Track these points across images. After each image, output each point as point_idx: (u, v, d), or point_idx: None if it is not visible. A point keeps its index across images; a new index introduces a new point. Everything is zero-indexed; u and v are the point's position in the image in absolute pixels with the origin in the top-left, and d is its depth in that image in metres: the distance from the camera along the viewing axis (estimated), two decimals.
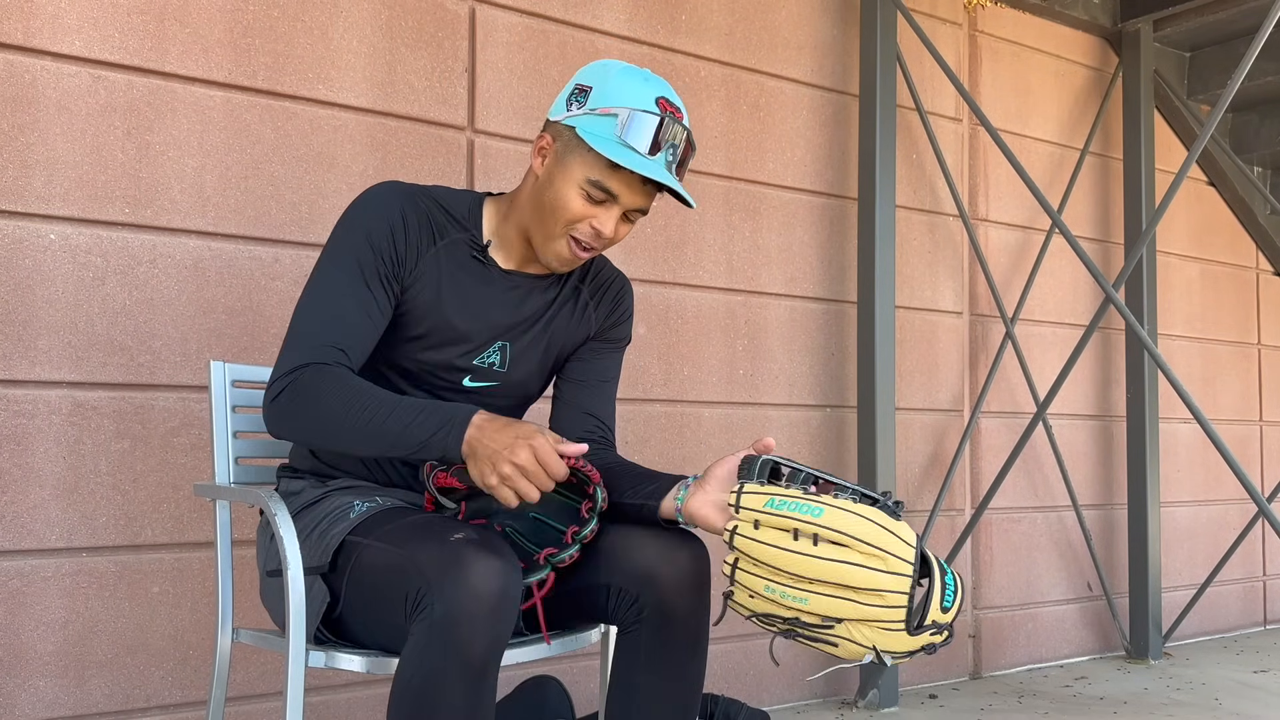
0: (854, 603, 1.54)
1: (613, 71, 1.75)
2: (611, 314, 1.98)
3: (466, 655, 1.50)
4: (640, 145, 1.69)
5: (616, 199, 1.74)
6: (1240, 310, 5.15)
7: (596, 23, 3.21)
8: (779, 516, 1.56)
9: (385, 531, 1.67)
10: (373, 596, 1.66)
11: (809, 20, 3.69)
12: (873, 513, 1.56)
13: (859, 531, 1.53)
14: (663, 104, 1.73)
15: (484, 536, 1.60)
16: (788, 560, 1.55)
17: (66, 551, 2.43)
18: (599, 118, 1.71)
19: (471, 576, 1.50)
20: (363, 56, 2.82)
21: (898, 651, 1.56)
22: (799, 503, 1.56)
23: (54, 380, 2.42)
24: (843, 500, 1.57)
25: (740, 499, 1.59)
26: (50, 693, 2.40)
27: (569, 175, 1.74)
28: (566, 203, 1.74)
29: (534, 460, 1.58)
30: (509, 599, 1.53)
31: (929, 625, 1.55)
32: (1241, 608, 5.07)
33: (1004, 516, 4.15)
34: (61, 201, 2.44)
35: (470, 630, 1.49)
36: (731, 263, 3.46)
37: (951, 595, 1.58)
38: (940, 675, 3.93)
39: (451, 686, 1.50)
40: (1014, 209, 4.23)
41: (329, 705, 2.70)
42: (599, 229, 1.75)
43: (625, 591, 1.74)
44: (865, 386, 3.62)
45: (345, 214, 1.79)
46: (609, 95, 1.72)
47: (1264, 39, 3.16)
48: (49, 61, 2.43)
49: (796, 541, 1.54)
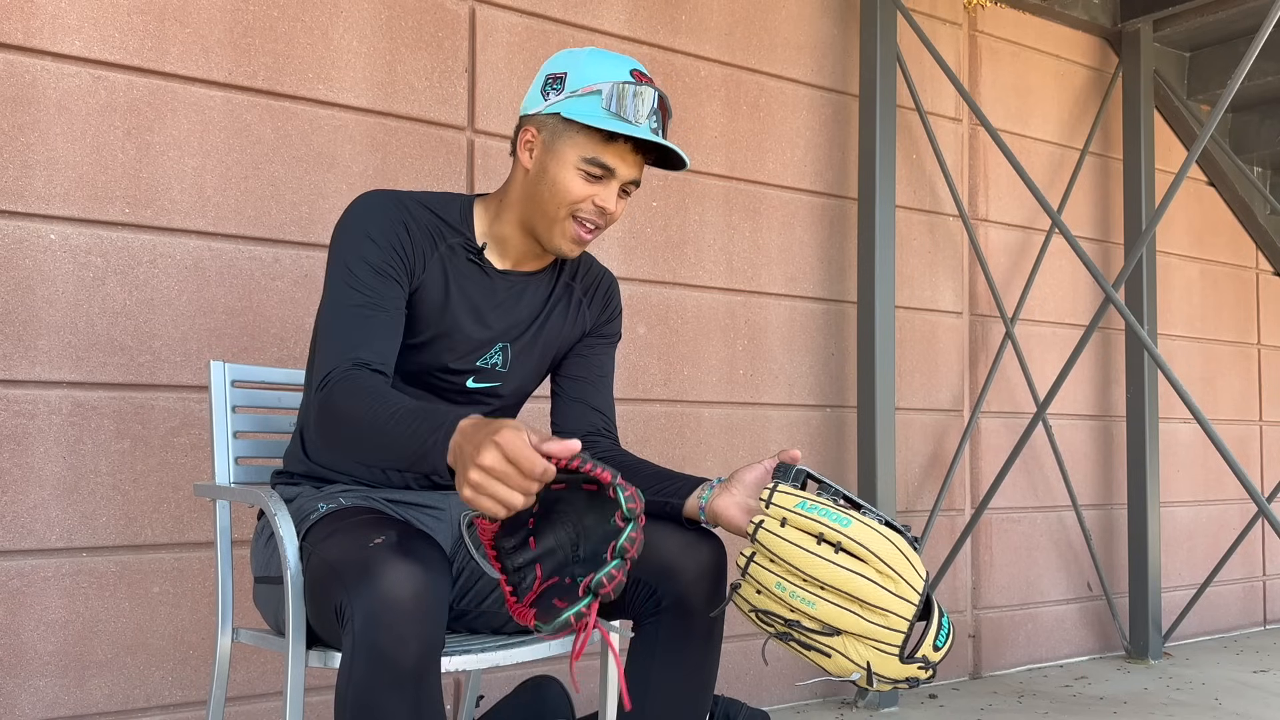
0: (858, 617, 1.57)
1: (582, 55, 1.79)
2: (604, 310, 2.00)
3: (394, 665, 1.46)
4: (628, 114, 1.73)
5: (613, 173, 1.76)
6: (1240, 310, 5.15)
7: (596, 23, 3.21)
8: (807, 519, 1.59)
9: (324, 538, 1.66)
10: (318, 606, 1.65)
11: (809, 20, 3.69)
12: (896, 538, 1.60)
13: (880, 550, 1.57)
14: (638, 75, 1.77)
15: (405, 539, 1.56)
16: (807, 561, 1.58)
17: (67, 551, 2.43)
18: (582, 98, 1.74)
19: (383, 583, 1.46)
20: (363, 56, 2.82)
21: (885, 675, 1.60)
22: (829, 510, 1.60)
23: (54, 380, 2.42)
24: (869, 519, 1.61)
25: (773, 496, 1.62)
26: (50, 693, 2.40)
27: (563, 160, 1.76)
28: (566, 186, 1.76)
29: (502, 459, 1.36)
30: (428, 602, 1.48)
31: (919, 659, 1.60)
32: (1241, 608, 5.07)
33: (1004, 516, 4.15)
34: (62, 201, 2.44)
35: (390, 639, 1.45)
36: (731, 263, 3.46)
37: (945, 637, 1.63)
38: (940, 675, 3.92)
39: (384, 697, 1.47)
40: (1014, 209, 4.23)
41: (329, 704, 2.70)
42: (602, 205, 1.77)
43: (644, 584, 1.75)
44: (865, 386, 3.62)
45: (344, 224, 1.77)
46: (587, 75, 1.75)
47: (1264, 39, 3.17)
48: (49, 61, 2.43)
49: (819, 546, 1.58)
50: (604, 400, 1.99)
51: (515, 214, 1.84)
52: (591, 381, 1.98)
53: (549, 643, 1.85)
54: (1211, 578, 4.52)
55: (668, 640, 1.75)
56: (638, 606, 1.76)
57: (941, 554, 3.90)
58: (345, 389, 1.62)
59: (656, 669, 1.75)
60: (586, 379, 1.98)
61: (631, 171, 1.78)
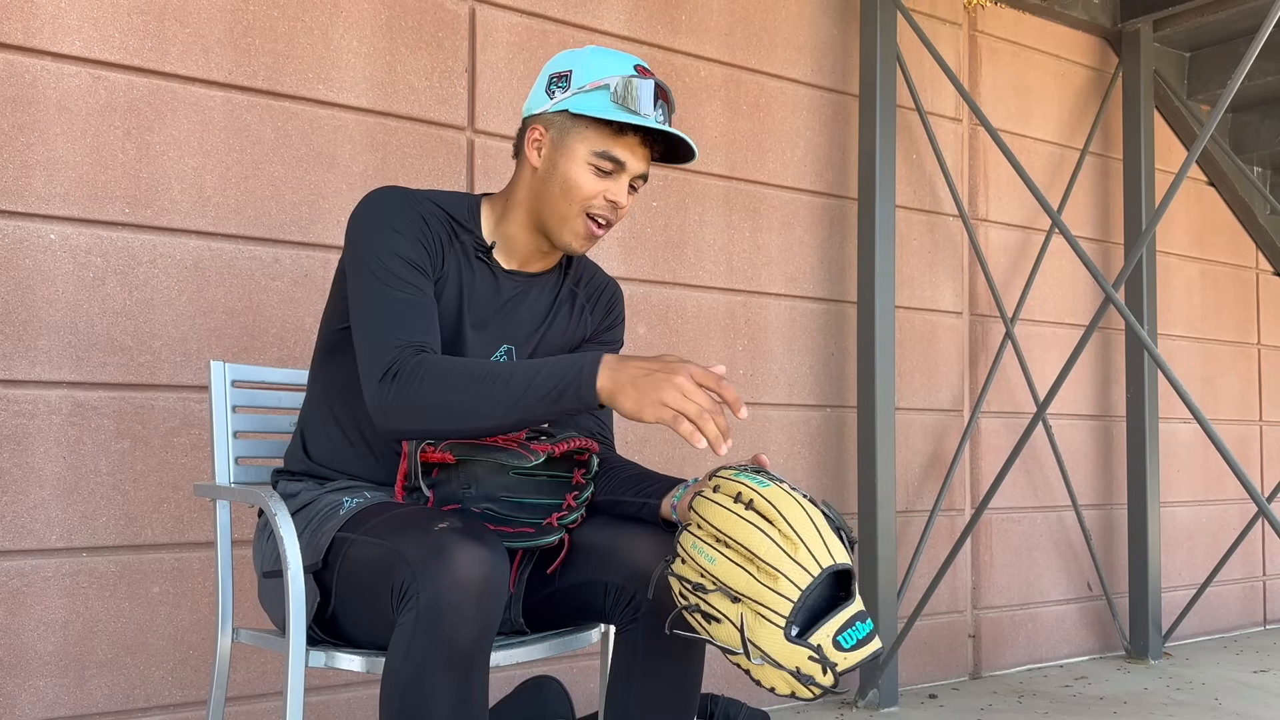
0: (750, 576, 1.51)
1: (585, 53, 1.80)
2: (605, 317, 2.00)
3: (453, 644, 1.50)
4: (636, 106, 1.74)
5: (624, 166, 1.77)
6: (1240, 310, 5.15)
7: (596, 23, 3.21)
8: (734, 483, 1.58)
9: (372, 525, 1.68)
10: (362, 591, 1.66)
11: (809, 20, 3.69)
12: (816, 515, 1.55)
13: (790, 514, 1.53)
14: (641, 70, 1.78)
15: (469, 525, 1.60)
16: (718, 516, 1.56)
17: (66, 551, 2.43)
18: (589, 93, 1.75)
19: (456, 565, 1.50)
20: (363, 56, 2.82)
21: (766, 652, 1.50)
22: (758, 478, 1.58)
23: (54, 380, 2.42)
24: (799, 495, 1.56)
25: (718, 471, 1.63)
26: (50, 693, 2.40)
27: (573, 156, 1.77)
28: (578, 182, 1.77)
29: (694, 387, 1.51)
30: (495, 587, 1.53)
31: (813, 645, 1.49)
32: (1241, 608, 5.07)
33: (1004, 516, 4.15)
34: (62, 201, 2.44)
35: (456, 619, 1.50)
36: (731, 263, 3.46)
37: (853, 640, 1.50)
38: (940, 675, 3.93)
39: (439, 675, 1.51)
40: (1014, 209, 4.23)
41: (329, 705, 2.70)
42: (614, 200, 1.78)
43: (623, 589, 1.75)
44: (865, 386, 3.62)
45: (364, 221, 1.75)
46: (592, 72, 1.76)
47: (1264, 39, 3.16)
48: (49, 61, 2.43)
49: (734, 504, 1.56)
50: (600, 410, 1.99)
51: (523, 213, 1.84)
52: None
53: (549, 643, 1.86)
54: (1211, 578, 4.52)
55: (649, 645, 1.75)
56: (618, 612, 1.78)
57: (941, 554, 3.90)
58: (428, 368, 1.62)
59: (640, 674, 1.76)
60: None
61: (641, 164, 1.79)
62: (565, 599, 1.82)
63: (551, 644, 1.86)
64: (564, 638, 1.89)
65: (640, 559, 1.74)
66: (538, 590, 1.85)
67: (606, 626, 2.02)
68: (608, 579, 1.76)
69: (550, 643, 1.86)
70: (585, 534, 1.82)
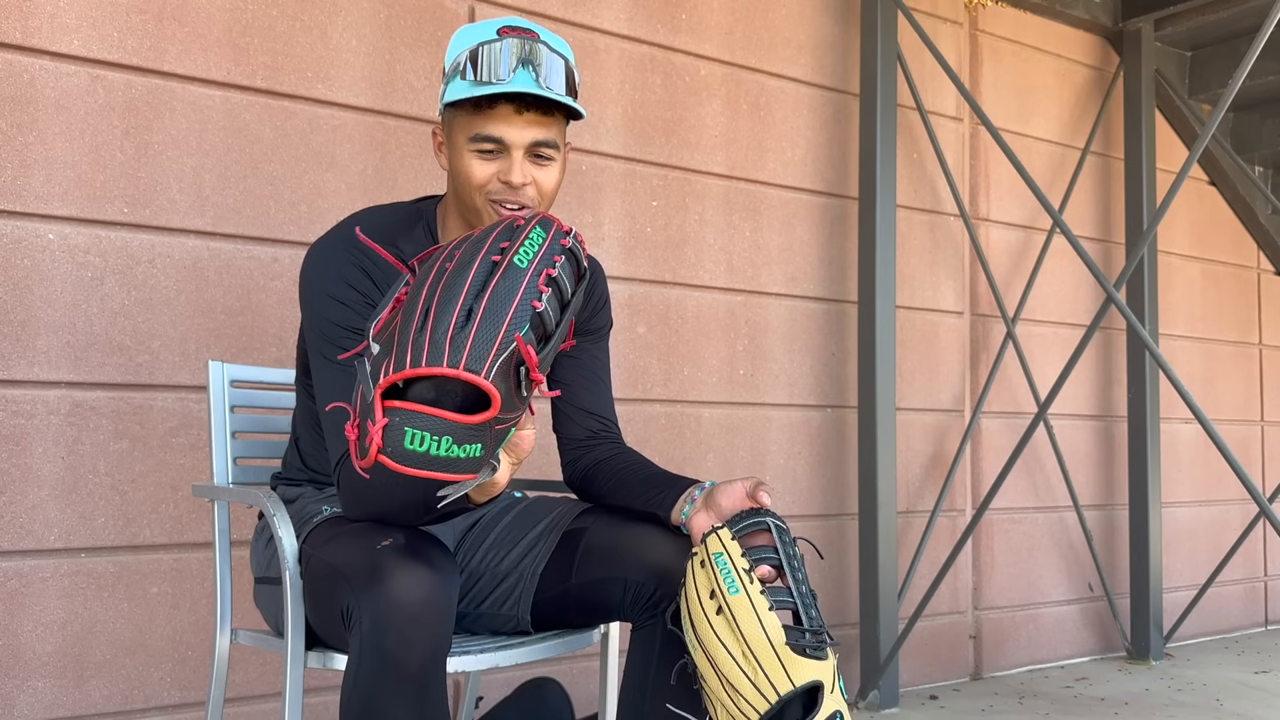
0: (719, 680, 1.56)
1: (456, 34, 1.74)
2: (588, 302, 1.95)
3: (402, 669, 1.46)
4: (488, 74, 1.64)
5: (503, 142, 1.69)
6: (1241, 310, 5.14)
7: (596, 22, 3.20)
8: (712, 572, 1.60)
9: (327, 541, 1.66)
10: (320, 608, 1.65)
11: (809, 19, 3.68)
12: (775, 630, 1.54)
13: (749, 634, 1.54)
14: (505, 30, 1.68)
15: (413, 541, 1.55)
16: (695, 611, 1.60)
17: (65, 552, 2.42)
18: (451, 80, 1.70)
19: (392, 586, 1.47)
20: (362, 56, 2.81)
21: None
22: (731, 572, 1.59)
23: (52, 380, 2.42)
24: (765, 600, 1.56)
25: (709, 535, 1.65)
26: (49, 693, 2.39)
27: (458, 148, 1.72)
28: (468, 173, 1.72)
29: None
30: (437, 606, 1.49)
31: None
32: (1243, 608, 5.07)
33: (1005, 517, 4.15)
34: (60, 201, 2.43)
35: (398, 641, 1.45)
36: (732, 262, 3.45)
37: None
38: (941, 676, 3.92)
39: (390, 701, 1.47)
40: (1015, 208, 4.22)
41: (328, 705, 2.70)
42: (508, 180, 1.71)
43: (643, 586, 1.74)
44: (866, 386, 3.62)
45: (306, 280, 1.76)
46: (451, 54, 1.71)
47: (1265, 38, 3.16)
48: (48, 61, 2.43)
49: (710, 600, 1.58)
50: (601, 402, 1.97)
51: (455, 214, 1.83)
52: (587, 384, 1.96)
53: (549, 644, 1.85)
54: (1213, 578, 4.52)
55: (666, 642, 1.74)
56: (636, 610, 1.76)
57: (942, 555, 3.90)
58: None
59: (656, 671, 1.75)
60: (581, 384, 1.96)
61: (526, 134, 1.69)
62: (580, 595, 1.80)
63: (551, 645, 1.86)
64: (564, 639, 1.88)
65: (661, 556, 1.73)
66: (550, 587, 1.83)
67: (608, 628, 2.02)
68: (627, 575, 1.75)
69: (550, 644, 1.85)
70: (601, 532, 1.80)
